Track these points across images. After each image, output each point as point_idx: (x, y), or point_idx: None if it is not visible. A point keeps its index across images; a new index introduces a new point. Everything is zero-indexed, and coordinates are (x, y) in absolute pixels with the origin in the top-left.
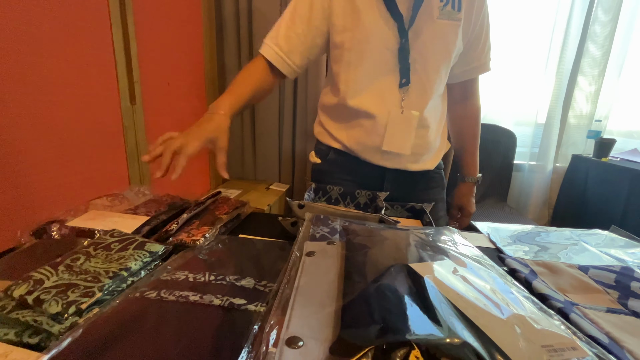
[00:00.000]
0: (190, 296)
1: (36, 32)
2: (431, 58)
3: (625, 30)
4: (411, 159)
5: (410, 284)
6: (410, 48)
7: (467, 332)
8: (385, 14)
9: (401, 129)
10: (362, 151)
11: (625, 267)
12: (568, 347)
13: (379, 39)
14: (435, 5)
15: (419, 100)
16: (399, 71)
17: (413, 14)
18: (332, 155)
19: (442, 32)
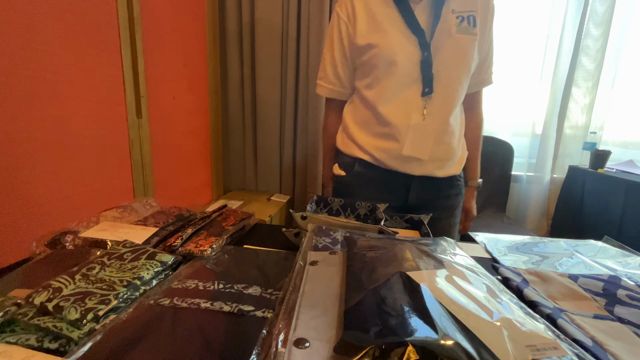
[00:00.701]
0: (202, 303)
1: (47, 48)
2: (453, 69)
3: (617, 43)
4: (437, 165)
5: (408, 290)
6: (433, 60)
7: (459, 334)
8: (406, 30)
9: (422, 135)
10: (388, 159)
11: (613, 276)
12: (550, 346)
13: (403, 53)
14: (452, 22)
15: (442, 108)
16: (421, 81)
17: (432, 30)
18: (357, 168)
19: (461, 46)
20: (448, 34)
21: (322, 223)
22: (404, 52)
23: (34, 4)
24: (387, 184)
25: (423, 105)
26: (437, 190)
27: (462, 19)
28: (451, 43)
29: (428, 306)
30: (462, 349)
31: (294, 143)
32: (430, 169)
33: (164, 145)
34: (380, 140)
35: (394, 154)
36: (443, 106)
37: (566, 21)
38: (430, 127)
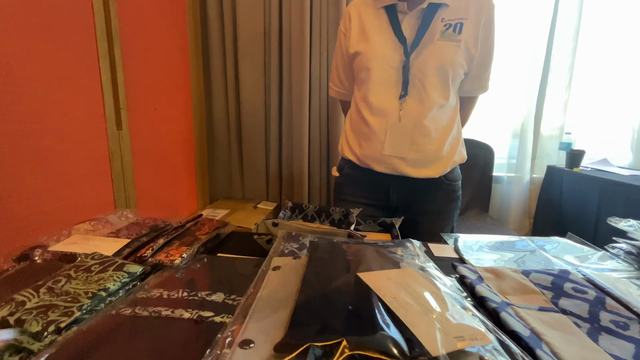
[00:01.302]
0: (163, 311)
1: (23, 63)
2: (427, 72)
3: (586, 47)
4: (411, 164)
5: (355, 290)
6: (411, 65)
7: (394, 329)
8: (391, 38)
9: (399, 135)
10: (369, 159)
11: (562, 270)
12: (477, 337)
13: (382, 58)
14: (438, 29)
15: (416, 110)
16: (401, 85)
17: (417, 38)
18: (346, 170)
19: (440, 51)
20: (431, 40)
21: (292, 229)
22: (382, 59)
23: (8, 17)
24: (369, 184)
25: (399, 107)
26: (417, 192)
27: (449, 26)
28: (431, 49)
29: (370, 305)
30: (394, 342)
31: (280, 150)
32: (403, 169)
33: (147, 156)
34: (363, 140)
35: (373, 154)
36: (417, 108)
37: (537, 27)
38: (406, 127)
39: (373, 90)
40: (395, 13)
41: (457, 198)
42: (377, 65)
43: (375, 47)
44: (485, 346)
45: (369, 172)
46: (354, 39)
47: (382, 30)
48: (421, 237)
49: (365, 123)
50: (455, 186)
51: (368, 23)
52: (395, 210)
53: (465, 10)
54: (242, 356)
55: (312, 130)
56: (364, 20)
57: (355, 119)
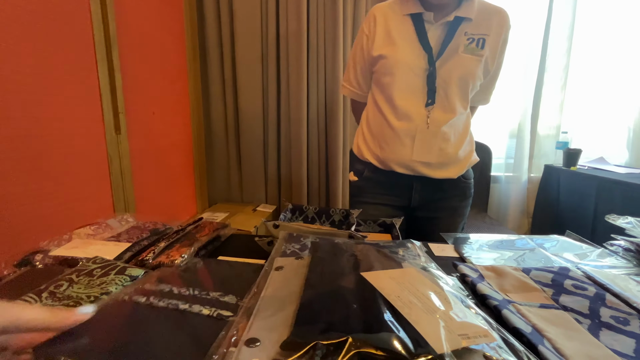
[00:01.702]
0: (180, 305)
1: (21, 69)
2: (453, 84)
3: (581, 47)
4: (434, 167)
5: (359, 289)
6: (437, 75)
7: (398, 327)
8: (417, 46)
9: (427, 141)
10: (394, 163)
11: (562, 267)
12: (480, 334)
13: (407, 64)
14: (462, 42)
15: (441, 117)
16: (426, 93)
17: (442, 48)
18: (367, 173)
19: (464, 64)
20: (455, 52)
21: (293, 231)
22: (406, 65)
23: (5, 24)
24: (392, 186)
25: (426, 114)
26: (437, 191)
27: (472, 40)
28: (455, 61)
29: (375, 303)
30: (400, 340)
31: (278, 153)
32: (427, 171)
33: (145, 160)
34: (387, 143)
35: (400, 159)
36: (441, 116)
37: (532, 27)
38: (433, 134)
39: (399, 94)
40: (421, 22)
41: (470, 195)
42: (401, 70)
43: (401, 53)
44: (489, 344)
45: (391, 174)
46: (378, 42)
47: (407, 37)
48: (438, 231)
49: (389, 126)
50: (469, 184)
51: (394, 28)
52: (414, 209)
53: (488, 27)
54: (249, 354)
55: (310, 132)
56: (390, 24)
57: (377, 121)
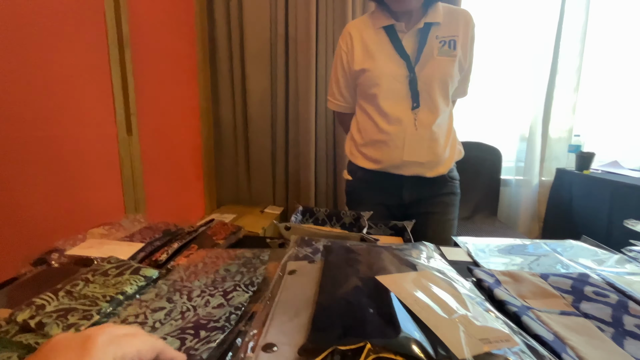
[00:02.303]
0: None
1: (36, 71)
2: (432, 85)
3: (593, 49)
4: (426, 166)
5: (375, 293)
6: (418, 79)
7: (418, 332)
8: (395, 55)
9: (417, 142)
10: (387, 165)
11: (582, 274)
12: (502, 339)
13: (388, 76)
14: (435, 46)
15: (427, 119)
16: (410, 97)
17: (418, 54)
18: (360, 174)
19: (441, 66)
20: (431, 56)
21: (305, 233)
22: (389, 75)
23: (23, 25)
24: (384, 185)
25: (413, 117)
26: (427, 189)
27: (444, 43)
28: (432, 64)
29: (392, 308)
30: (419, 345)
31: (286, 155)
32: (420, 170)
33: (156, 161)
34: (380, 148)
35: (392, 161)
36: (428, 117)
37: (544, 29)
38: (421, 135)
39: (386, 102)
40: (394, 33)
41: (458, 194)
42: (385, 80)
43: (382, 65)
44: (511, 348)
45: (385, 175)
46: (358, 57)
47: (384, 49)
48: (433, 226)
49: (381, 132)
50: (456, 184)
51: (370, 42)
52: (407, 206)
53: (456, 28)
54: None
55: (318, 134)
56: (366, 40)
57: (368, 128)
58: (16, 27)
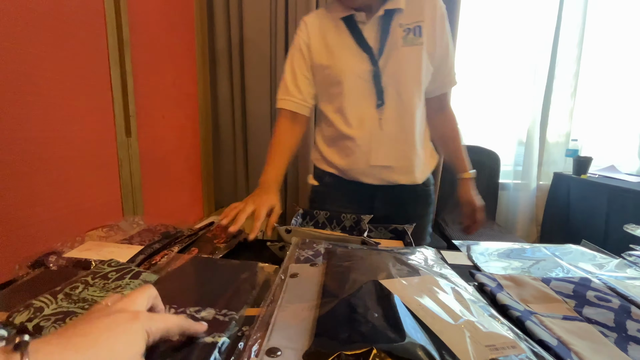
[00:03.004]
0: None
1: (35, 72)
2: (402, 80)
3: (591, 51)
4: (400, 172)
5: (379, 298)
6: (382, 74)
7: (423, 337)
8: (356, 49)
9: (382, 144)
10: (353, 172)
11: (583, 278)
12: (508, 345)
13: (351, 72)
14: (399, 35)
15: (396, 117)
16: (375, 94)
17: (381, 46)
18: (327, 179)
19: (407, 57)
20: (395, 47)
21: (305, 236)
22: (351, 71)
23: (22, 25)
24: (353, 195)
25: (378, 116)
26: (400, 200)
27: (409, 30)
28: (397, 56)
29: (397, 312)
30: (425, 351)
31: None
32: (392, 177)
33: (154, 163)
34: (344, 153)
35: (358, 166)
36: (397, 115)
37: (542, 35)
38: (389, 136)
39: (349, 103)
40: (354, 24)
41: (432, 202)
42: (348, 77)
43: (343, 61)
44: (517, 355)
45: (354, 183)
46: (316, 50)
47: (345, 43)
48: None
49: (345, 137)
50: (430, 190)
51: (330, 36)
52: (379, 219)
53: (420, 13)
54: None
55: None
56: (325, 33)
57: (331, 133)
58: (16, 28)
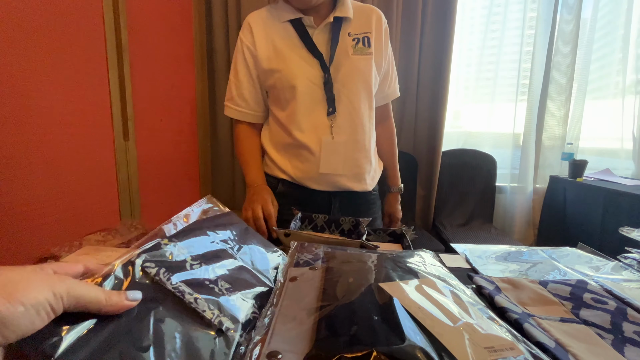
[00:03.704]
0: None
1: (33, 75)
2: (353, 88)
3: (584, 58)
4: (352, 179)
5: (379, 300)
6: (334, 81)
7: (423, 340)
8: (306, 54)
9: (333, 152)
10: (306, 179)
11: (580, 281)
12: (507, 347)
13: (303, 77)
14: (349, 44)
15: (347, 126)
16: (326, 101)
17: (332, 53)
18: (280, 188)
19: (358, 66)
20: (345, 55)
21: (304, 239)
22: (304, 76)
23: (20, 29)
24: (309, 202)
25: (330, 124)
26: (356, 205)
27: (358, 40)
28: (348, 64)
29: (396, 315)
30: (425, 353)
31: None
32: (345, 184)
33: (152, 166)
34: (296, 160)
35: (309, 174)
36: (348, 123)
37: (537, 41)
38: (340, 144)
39: (301, 108)
40: (303, 28)
41: (380, 206)
42: (301, 82)
43: (295, 64)
44: (516, 357)
45: (308, 189)
46: (263, 53)
47: (294, 46)
48: None
49: (298, 144)
50: (377, 195)
51: (278, 38)
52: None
53: (368, 24)
54: None
55: None
56: (272, 35)
57: (282, 139)
58: (15, 31)
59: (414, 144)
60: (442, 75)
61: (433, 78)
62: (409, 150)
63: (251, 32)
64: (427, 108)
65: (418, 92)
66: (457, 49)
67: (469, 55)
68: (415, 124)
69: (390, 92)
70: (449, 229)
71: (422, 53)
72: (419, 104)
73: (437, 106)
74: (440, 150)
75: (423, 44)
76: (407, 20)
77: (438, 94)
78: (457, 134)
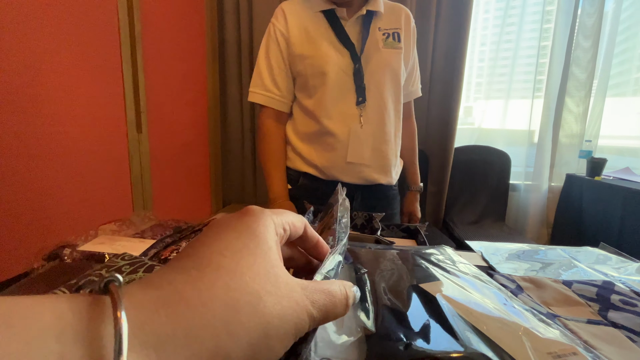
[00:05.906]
0: None
1: (49, 67)
2: (382, 80)
3: (605, 54)
4: (378, 170)
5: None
6: (364, 71)
7: (483, 345)
8: (338, 43)
9: (361, 142)
10: (331, 168)
11: (606, 282)
12: (570, 352)
13: (334, 64)
14: (380, 38)
15: (376, 116)
16: (355, 91)
17: (362, 44)
18: (302, 180)
19: (387, 59)
20: (376, 48)
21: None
22: (335, 64)
23: (36, 22)
24: (330, 196)
25: (359, 113)
26: (378, 199)
27: (388, 35)
28: (378, 56)
29: (447, 317)
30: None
31: None
32: (371, 175)
33: (164, 159)
34: (322, 149)
35: (336, 162)
36: (377, 114)
37: (556, 35)
38: (368, 134)
39: (331, 96)
40: (336, 19)
41: (399, 203)
42: (332, 69)
43: (326, 52)
44: None
45: (331, 182)
46: (298, 40)
47: (327, 35)
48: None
49: (326, 132)
50: (397, 191)
51: (310, 25)
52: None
53: (397, 21)
54: None
55: None
56: (305, 22)
57: (309, 128)
58: (29, 25)
59: (426, 139)
60: (456, 71)
61: (446, 73)
62: (420, 145)
63: (285, 18)
64: (440, 103)
65: (430, 88)
66: (471, 44)
67: (482, 50)
68: (427, 120)
69: (413, 90)
70: (459, 227)
71: (435, 48)
72: (431, 99)
73: (450, 102)
74: (452, 146)
75: (437, 39)
76: (420, 14)
77: (451, 90)
78: (469, 131)
